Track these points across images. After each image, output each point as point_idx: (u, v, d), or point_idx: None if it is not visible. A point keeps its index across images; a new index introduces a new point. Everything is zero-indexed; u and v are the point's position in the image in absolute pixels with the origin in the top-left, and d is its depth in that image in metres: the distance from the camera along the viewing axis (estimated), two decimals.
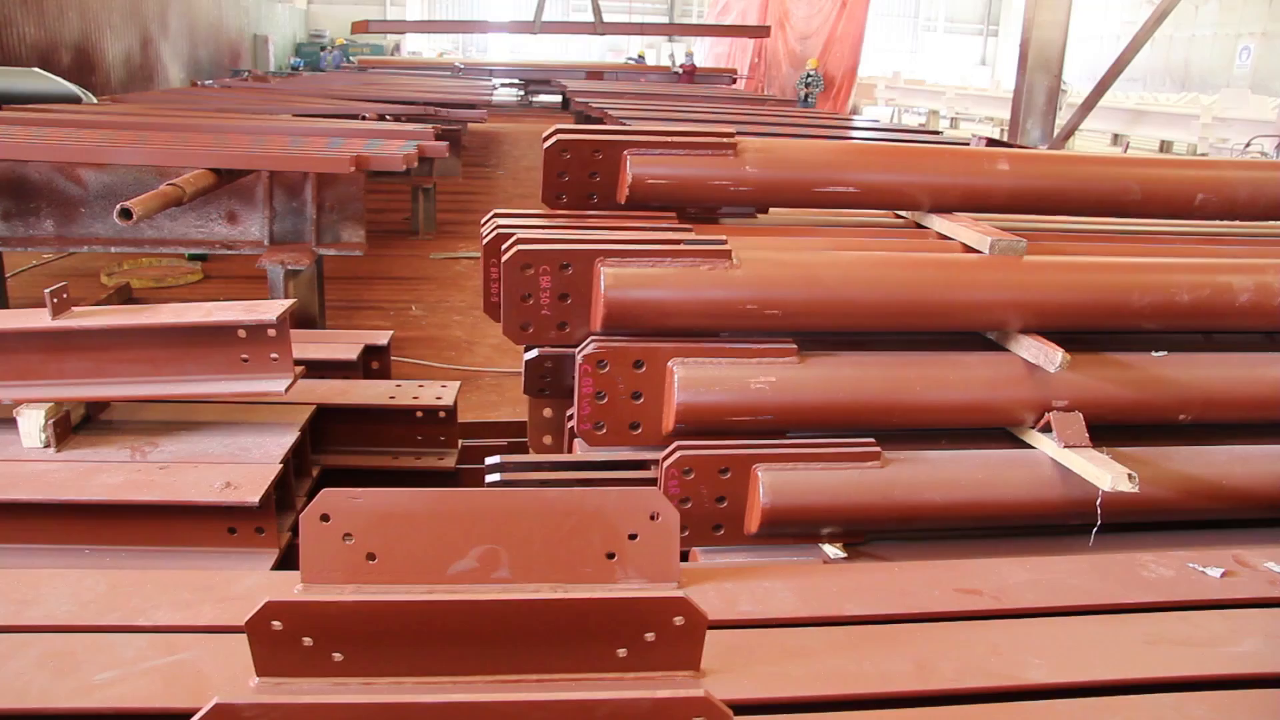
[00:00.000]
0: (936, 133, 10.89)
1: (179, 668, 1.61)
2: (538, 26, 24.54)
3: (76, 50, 19.45)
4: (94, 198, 4.57)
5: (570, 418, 2.37)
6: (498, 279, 2.24)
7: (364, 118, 6.50)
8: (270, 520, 2.25)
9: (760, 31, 23.71)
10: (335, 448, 2.75)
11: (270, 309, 2.40)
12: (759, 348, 2.16)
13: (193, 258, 6.65)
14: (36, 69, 10.12)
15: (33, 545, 2.30)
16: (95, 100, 9.18)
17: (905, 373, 2.22)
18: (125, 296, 5.76)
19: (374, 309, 5.84)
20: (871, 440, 2.11)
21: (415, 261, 7.04)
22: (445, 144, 4.81)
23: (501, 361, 4.92)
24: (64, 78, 10.08)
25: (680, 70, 20.68)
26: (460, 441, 2.89)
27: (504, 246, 2.16)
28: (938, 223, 2.62)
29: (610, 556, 1.77)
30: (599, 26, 24.84)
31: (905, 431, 2.29)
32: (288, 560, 2.30)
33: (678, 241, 2.18)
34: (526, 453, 3.01)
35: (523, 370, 2.37)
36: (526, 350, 2.33)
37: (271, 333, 2.39)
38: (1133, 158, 2.83)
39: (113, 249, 4.66)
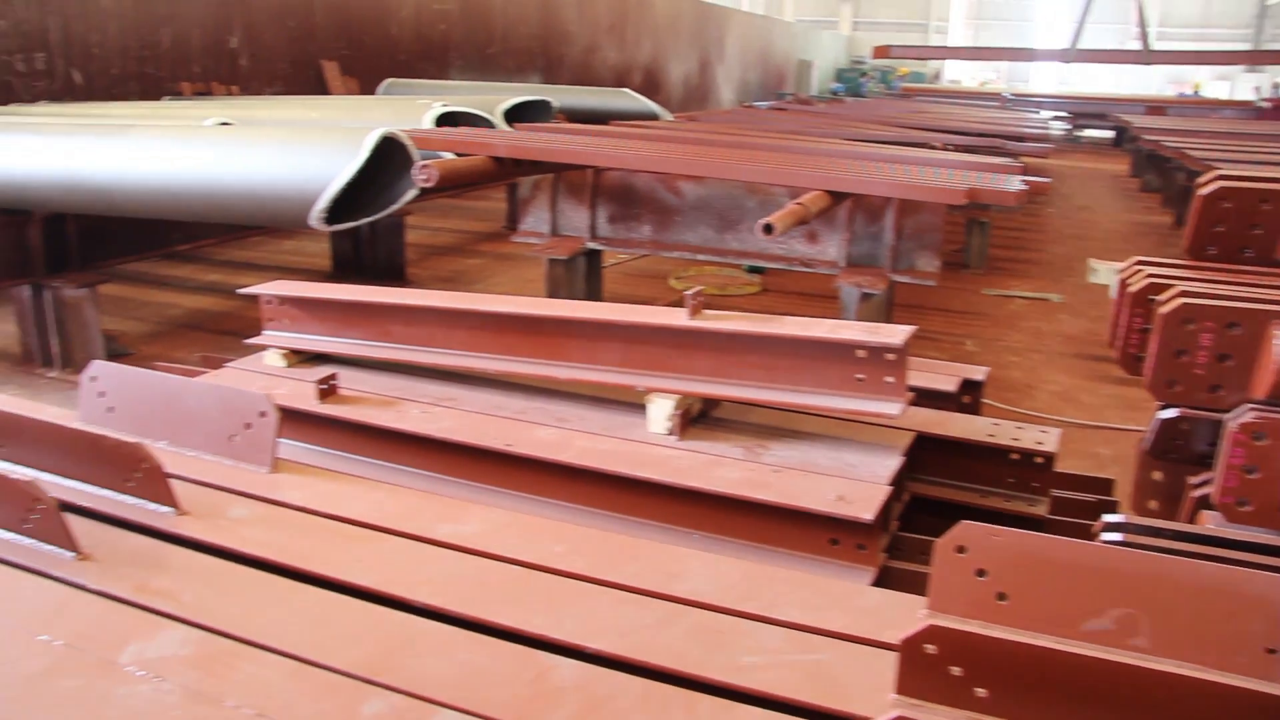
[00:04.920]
0: None
1: (817, 667, 1.69)
2: (1071, 54, 23.18)
3: (646, 72, 21.44)
4: (688, 208, 4.97)
5: (1196, 486, 2.21)
6: (1141, 329, 2.13)
7: (933, 147, 6.53)
8: (874, 539, 2.30)
9: None
10: (923, 476, 2.77)
11: (894, 333, 2.46)
12: None
13: (751, 270, 7.04)
14: (626, 89, 11.25)
15: (649, 521, 2.53)
16: (671, 117, 10.01)
17: None
18: None
19: (927, 339, 5.84)
20: None
21: (967, 295, 6.97)
22: (1049, 180, 4.69)
23: (1064, 410, 4.72)
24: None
25: (1265, 104, 18.51)
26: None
27: (1162, 297, 2.05)
28: None
29: (1271, 652, 1.61)
30: (1147, 55, 22.98)
31: None
32: (880, 580, 2.34)
33: None
34: (1114, 511, 2.85)
35: (1153, 429, 2.23)
36: (1163, 409, 2.20)
37: (890, 356, 2.45)
38: None
39: (699, 257, 5.04)
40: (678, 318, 2.71)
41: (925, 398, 2.90)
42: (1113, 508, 2.87)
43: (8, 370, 5.26)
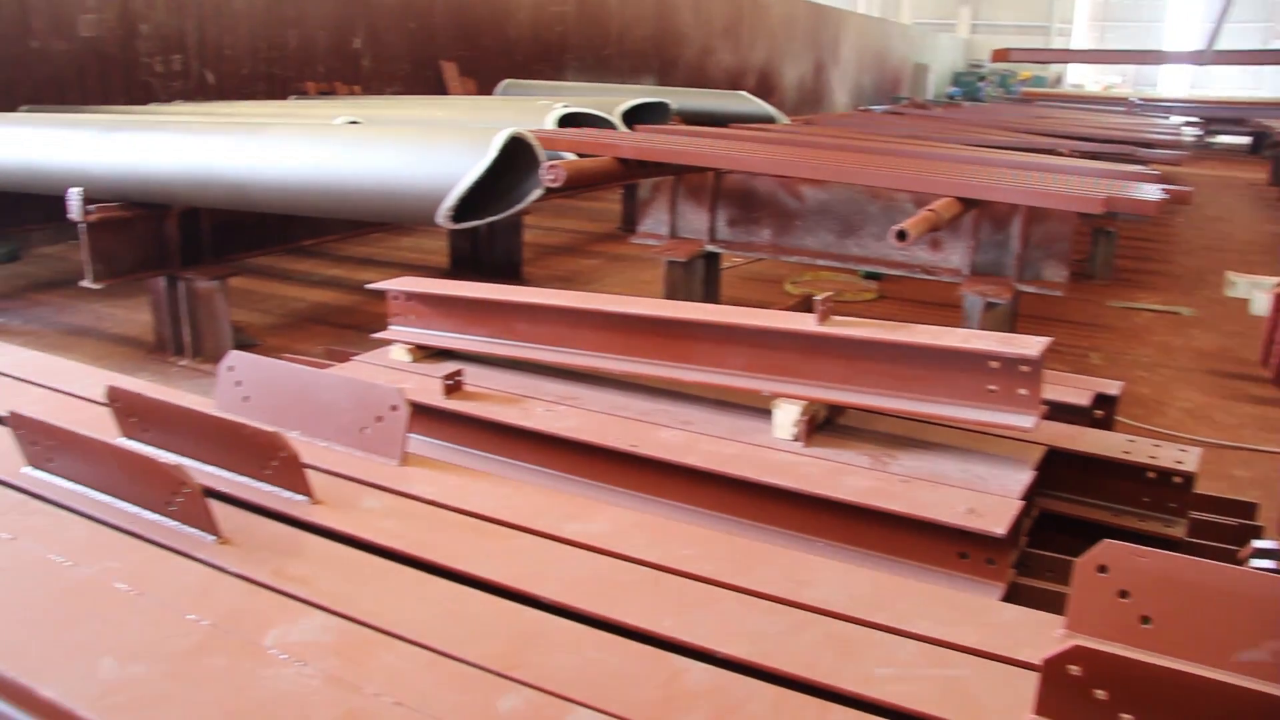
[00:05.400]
0: None
1: (952, 683, 1.65)
2: (1207, 56, 22.32)
3: (761, 74, 21.36)
4: (809, 212, 4.94)
5: None
6: None
7: (1060, 153, 6.37)
8: (1005, 554, 2.25)
9: None
10: (1052, 492, 2.70)
11: (1029, 344, 2.40)
12: None
13: (867, 275, 6.96)
14: (742, 92, 11.21)
15: (773, 528, 2.51)
16: (787, 120, 9.93)
17: None
18: (808, 306, 6.17)
19: (1050, 351, 5.65)
20: None
21: (1091, 307, 6.76)
22: (1191, 189, 4.53)
23: (1196, 429, 4.54)
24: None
25: None
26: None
27: None
28: None
29: None
30: None
31: None
32: (1008, 597, 2.28)
33: None
34: (1258, 537, 2.75)
35: None
36: None
37: (1025, 369, 2.40)
38: None
39: (819, 261, 5.00)
40: (806, 323, 2.70)
41: (1056, 411, 2.83)
42: (1257, 533, 2.77)
43: (141, 358, 5.47)
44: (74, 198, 4.80)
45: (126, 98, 8.89)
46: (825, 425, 2.75)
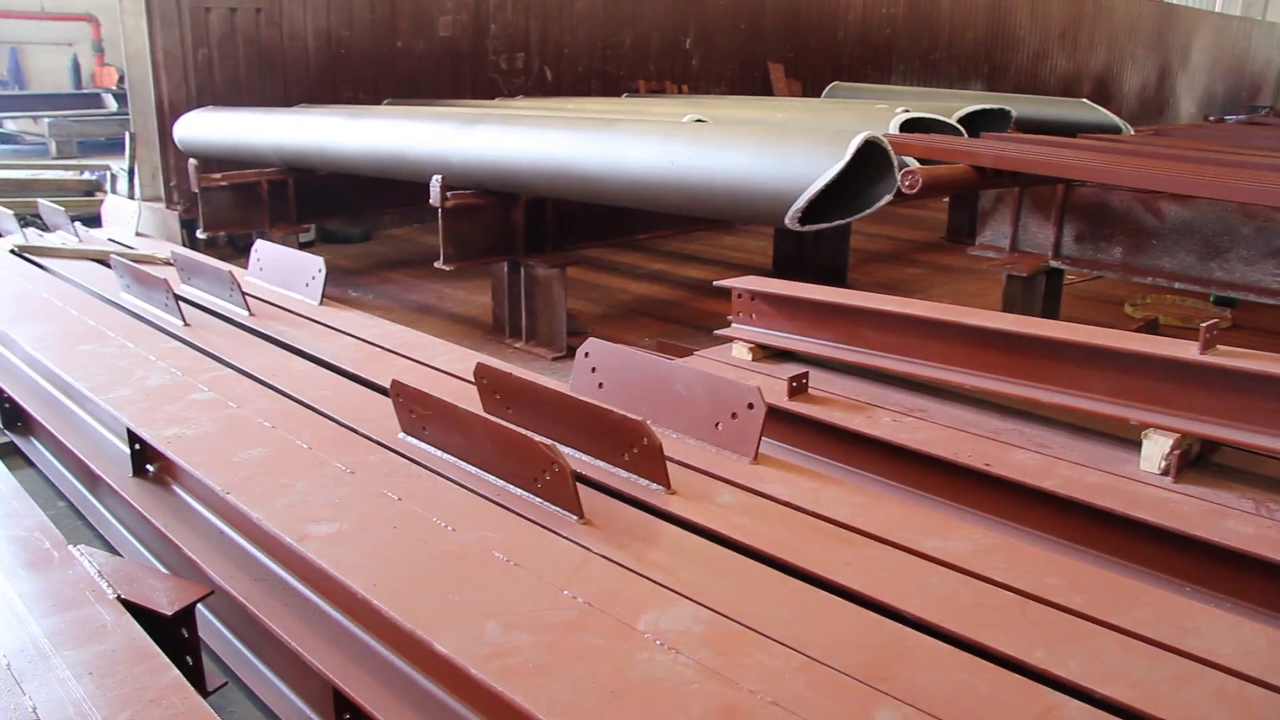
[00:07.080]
0: None
1: None
2: None
3: (1097, 81, 20.18)
4: (1168, 231, 4.61)
5: None
6: None
7: None
8: None
9: None
10: None
11: None
12: None
13: (1219, 301, 6.42)
14: (1084, 100, 10.62)
15: (1135, 566, 2.36)
16: (1131, 130, 9.32)
17: None
18: (1153, 330, 5.77)
19: None
20: None
21: None
22: None
23: None
24: None
25: None
26: None
27: None
28: None
29: None
30: None
31: None
32: None
33: None
34: None
35: None
36: None
37: None
38: None
39: (1176, 285, 4.66)
40: (1186, 350, 2.52)
41: None
42: None
43: (479, 338, 5.81)
44: (435, 184, 5.16)
45: (473, 92, 9.50)
46: (1198, 461, 2.56)
